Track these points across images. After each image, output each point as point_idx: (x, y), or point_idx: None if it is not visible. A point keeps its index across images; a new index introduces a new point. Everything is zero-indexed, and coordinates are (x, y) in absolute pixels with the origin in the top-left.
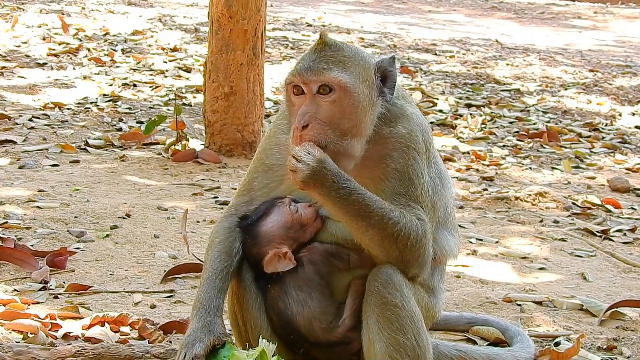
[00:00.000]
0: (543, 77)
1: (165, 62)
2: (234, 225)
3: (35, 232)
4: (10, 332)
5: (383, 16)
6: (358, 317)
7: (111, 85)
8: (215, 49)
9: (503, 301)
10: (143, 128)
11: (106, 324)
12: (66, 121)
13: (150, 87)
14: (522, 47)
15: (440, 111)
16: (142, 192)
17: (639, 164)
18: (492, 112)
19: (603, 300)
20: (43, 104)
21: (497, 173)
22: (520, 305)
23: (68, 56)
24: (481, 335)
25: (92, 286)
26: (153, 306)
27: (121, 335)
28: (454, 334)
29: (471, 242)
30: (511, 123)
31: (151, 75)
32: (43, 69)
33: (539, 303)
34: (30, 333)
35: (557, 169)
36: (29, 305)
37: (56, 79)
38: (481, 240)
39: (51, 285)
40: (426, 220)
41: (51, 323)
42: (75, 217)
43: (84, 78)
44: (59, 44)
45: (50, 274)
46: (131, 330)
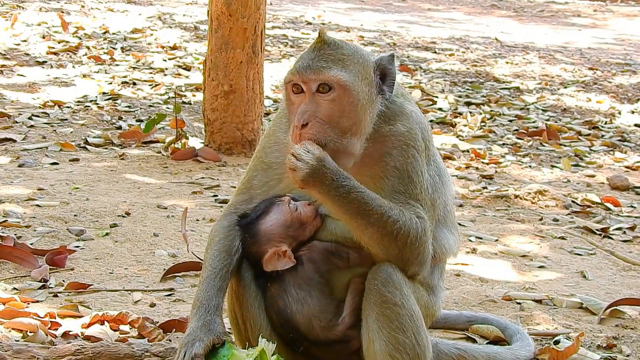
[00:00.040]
0: (542, 75)
1: (164, 61)
2: (234, 223)
3: (34, 231)
4: (9, 331)
5: (382, 14)
6: (358, 316)
7: (111, 83)
8: (214, 47)
9: (503, 299)
10: (143, 126)
11: (106, 323)
12: (66, 119)
13: (149, 86)
14: (522, 45)
15: (439, 109)
16: (142, 191)
17: (639, 162)
18: (492, 110)
19: (603, 298)
20: (43, 103)
21: (497, 171)
22: (519, 303)
23: (68, 54)
24: (481, 333)
25: (92, 285)
26: (152, 305)
27: (121, 333)
28: (454, 333)
29: (471, 241)
30: (511, 121)
31: (151, 73)
32: (43, 67)
33: (539, 301)
34: (29, 331)
35: (557, 167)
36: (29, 303)
37: (56, 77)
38: (481, 238)
39: (51, 283)
40: (426, 218)
41: (51, 321)
42: (74, 216)
43: (84, 76)
44: (59, 42)
45: (49, 273)
46: (131, 328)
